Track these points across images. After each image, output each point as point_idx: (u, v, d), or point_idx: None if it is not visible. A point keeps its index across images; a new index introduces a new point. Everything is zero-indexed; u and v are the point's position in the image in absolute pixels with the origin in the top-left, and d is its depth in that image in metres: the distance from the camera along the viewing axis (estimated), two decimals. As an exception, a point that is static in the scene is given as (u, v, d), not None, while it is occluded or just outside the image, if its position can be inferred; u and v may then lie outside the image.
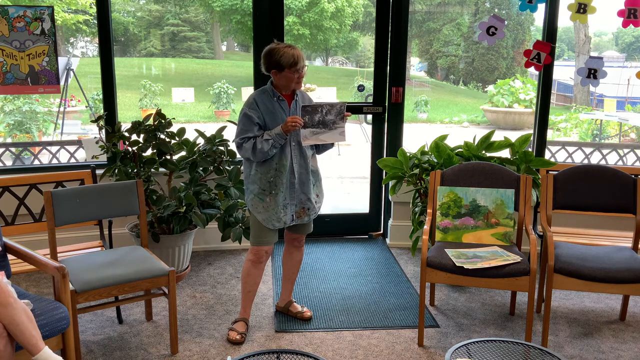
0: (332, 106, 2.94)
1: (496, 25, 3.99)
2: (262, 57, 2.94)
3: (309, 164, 3.04)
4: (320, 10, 15.57)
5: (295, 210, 3.04)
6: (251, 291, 3.16)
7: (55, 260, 2.86)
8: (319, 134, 2.95)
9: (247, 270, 3.12)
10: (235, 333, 3.07)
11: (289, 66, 2.86)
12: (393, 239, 4.56)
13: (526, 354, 2.30)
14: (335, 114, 2.96)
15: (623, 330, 3.28)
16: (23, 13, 3.76)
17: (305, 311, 3.32)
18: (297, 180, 3.00)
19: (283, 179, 2.97)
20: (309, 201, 3.07)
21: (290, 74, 2.88)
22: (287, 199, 3.00)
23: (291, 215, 3.03)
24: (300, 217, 3.07)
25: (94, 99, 10.39)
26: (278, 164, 2.94)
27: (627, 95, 12.90)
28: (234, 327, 3.11)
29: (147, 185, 3.71)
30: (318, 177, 3.15)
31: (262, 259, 3.09)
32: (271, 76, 2.95)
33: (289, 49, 2.87)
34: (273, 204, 2.98)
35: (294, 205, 3.03)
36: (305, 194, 3.04)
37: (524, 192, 3.24)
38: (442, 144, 3.75)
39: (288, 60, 2.85)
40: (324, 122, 2.95)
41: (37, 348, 2.18)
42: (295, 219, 3.06)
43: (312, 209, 3.11)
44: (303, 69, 2.90)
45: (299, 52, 2.89)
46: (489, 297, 3.67)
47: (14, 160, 6.21)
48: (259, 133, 2.90)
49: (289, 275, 3.34)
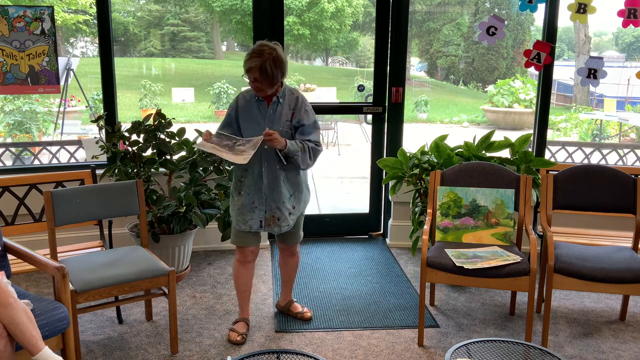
0: (249, 142, 2.82)
1: (496, 25, 3.99)
2: None
3: (278, 171, 2.90)
4: (320, 10, 15.56)
5: (264, 216, 2.94)
6: (245, 291, 3.15)
7: (55, 260, 2.86)
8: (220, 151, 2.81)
9: (236, 270, 3.11)
10: (235, 334, 3.06)
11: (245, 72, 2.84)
12: (393, 239, 4.56)
13: (526, 354, 2.30)
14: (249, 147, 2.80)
15: (623, 330, 3.28)
16: (23, 13, 3.76)
17: (306, 312, 3.32)
18: (265, 185, 2.91)
19: (250, 181, 2.92)
20: (278, 210, 2.94)
21: (249, 79, 2.85)
22: (256, 203, 2.93)
23: (259, 221, 2.94)
24: (269, 225, 2.96)
25: (94, 99, 10.39)
26: (247, 165, 2.88)
27: (627, 95, 12.90)
28: (235, 328, 3.11)
29: (147, 185, 3.71)
30: (298, 188, 3.00)
31: (248, 258, 3.07)
32: None
33: (248, 59, 2.79)
34: (240, 204, 2.96)
35: (263, 211, 2.94)
36: (275, 201, 2.93)
37: (524, 192, 3.24)
38: (442, 144, 3.75)
39: (244, 66, 2.82)
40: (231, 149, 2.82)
41: (37, 348, 2.18)
42: (264, 227, 2.96)
43: (284, 220, 2.96)
44: (256, 79, 2.80)
45: (254, 64, 2.76)
46: (489, 297, 3.67)
47: (14, 160, 6.21)
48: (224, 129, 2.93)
49: (286, 279, 3.33)
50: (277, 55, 2.80)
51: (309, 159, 2.91)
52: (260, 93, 2.88)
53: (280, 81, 2.87)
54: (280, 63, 2.81)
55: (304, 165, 2.90)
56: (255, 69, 2.77)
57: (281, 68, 2.82)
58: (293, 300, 3.37)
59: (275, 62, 2.79)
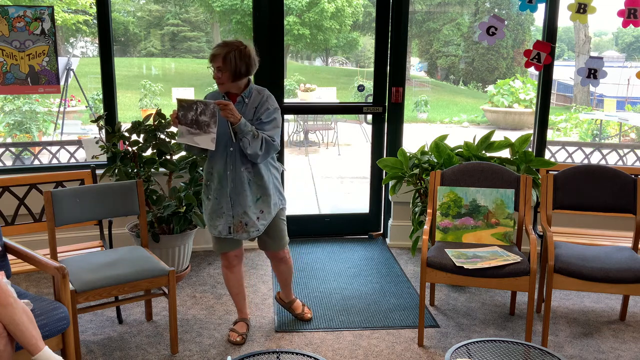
0: (206, 106, 2.73)
1: (496, 25, 3.99)
2: None
3: (242, 173, 2.82)
4: (320, 10, 15.56)
5: (232, 222, 2.87)
6: (238, 293, 3.13)
7: (55, 260, 2.86)
8: (194, 135, 2.76)
9: (224, 276, 3.10)
10: (235, 334, 3.06)
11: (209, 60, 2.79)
12: (393, 239, 4.56)
13: (526, 354, 2.30)
14: (210, 116, 2.71)
15: (623, 330, 3.28)
16: (23, 13, 3.76)
17: (306, 312, 3.31)
18: (230, 189, 2.83)
19: (215, 185, 2.87)
20: (245, 215, 2.85)
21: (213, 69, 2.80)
22: (224, 208, 2.86)
23: (227, 226, 2.88)
24: (237, 231, 2.88)
25: (94, 99, 10.38)
26: (213, 168, 2.85)
27: (627, 95, 12.89)
28: (235, 328, 3.11)
29: (147, 185, 3.71)
30: (265, 192, 2.88)
31: (233, 262, 3.04)
32: None
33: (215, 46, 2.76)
34: (209, 209, 2.91)
35: (230, 217, 2.86)
36: (241, 206, 2.84)
37: (524, 192, 3.24)
38: (442, 144, 3.75)
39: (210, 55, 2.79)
40: (197, 123, 2.75)
41: (37, 348, 2.18)
42: (233, 233, 2.89)
43: (252, 226, 2.87)
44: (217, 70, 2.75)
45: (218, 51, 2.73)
46: (489, 297, 3.67)
47: (14, 160, 6.21)
48: None
49: (283, 282, 3.26)
50: (245, 49, 2.77)
51: (259, 148, 2.74)
52: (220, 87, 2.83)
53: (244, 76, 2.81)
54: (247, 57, 2.77)
55: (252, 151, 2.73)
56: (219, 56, 2.74)
57: (246, 62, 2.77)
58: (295, 299, 3.34)
59: (241, 55, 2.75)
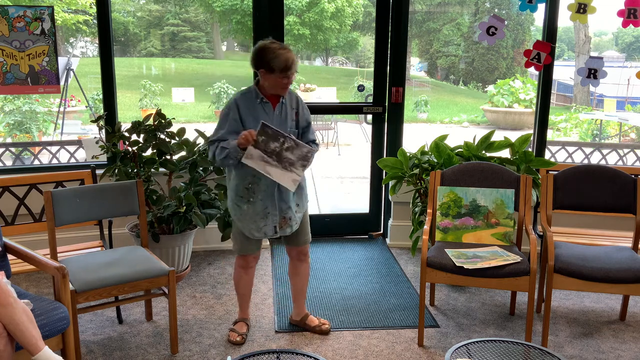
0: (298, 146, 2.65)
1: (496, 25, 3.99)
2: (253, 54, 2.74)
3: None
4: (320, 10, 15.56)
5: (277, 220, 2.86)
6: (245, 294, 3.12)
7: (55, 260, 2.86)
8: (267, 163, 2.65)
9: (238, 275, 3.05)
10: (235, 334, 3.06)
11: (279, 70, 2.65)
12: (393, 239, 4.56)
13: (526, 354, 2.30)
14: (298, 157, 2.65)
15: (623, 330, 3.28)
16: (23, 13, 3.76)
17: (323, 324, 3.16)
18: (276, 188, 2.81)
19: (262, 186, 2.79)
20: (289, 210, 2.87)
21: (279, 78, 2.68)
22: (269, 208, 2.82)
23: (273, 226, 2.85)
24: (282, 227, 2.88)
25: (94, 99, 10.38)
26: (256, 170, 2.73)
27: (627, 95, 12.90)
28: (235, 328, 3.10)
29: (147, 185, 3.71)
30: (300, 185, 2.90)
31: (251, 264, 3.02)
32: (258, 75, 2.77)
33: (284, 52, 2.66)
34: (251, 212, 2.82)
35: (276, 215, 2.85)
36: (285, 202, 2.85)
37: (524, 192, 3.24)
38: (442, 144, 3.75)
39: (280, 64, 2.64)
40: (278, 156, 2.66)
41: (37, 348, 2.18)
42: (277, 230, 2.88)
43: (294, 219, 2.90)
44: (293, 75, 2.71)
45: (294, 56, 2.67)
46: (489, 297, 3.67)
47: (14, 160, 6.21)
48: (229, 137, 2.73)
49: (299, 290, 3.16)
50: None
51: None
52: (283, 91, 2.76)
53: None
54: None
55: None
56: (296, 62, 2.68)
57: None
58: (308, 314, 3.21)
59: None
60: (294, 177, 2.66)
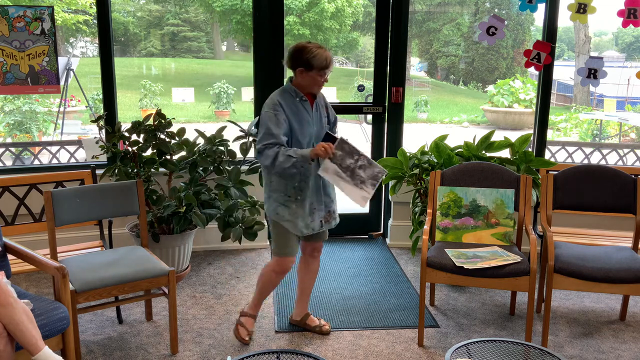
0: (371, 165, 2.74)
1: (496, 25, 3.99)
2: (290, 53, 2.79)
3: None
4: (320, 10, 15.57)
5: (323, 215, 2.92)
6: (267, 295, 3.09)
7: (55, 260, 2.86)
8: (341, 178, 2.73)
9: (270, 279, 2.99)
10: (245, 331, 3.02)
11: (318, 68, 2.73)
12: (393, 239, 4.56)
13: (526, 354, 2.30)
14: (369, 177, 2.74)
15: (623, 330, 3.28)
16: (23, 13, 3.76)
17: (324, 324, 3.16)
18: (322, 182, 2.89)
19: (310, 183, 2.84)
20: (332, 203, 2.98)
21: (318, 76, 2.75)
22: (315, 204, 2.88)
23: (320, 220, 2.91)
24: (327, 221, 2.96)
25: (94, 99, 10.39)
26: (308, 171, 2.79)
27: (627, 95, 12.90)
28: (244, 324, 3.05)
29: (147, 185, 3.71)
30: None
31: (287, 269, 2.97)
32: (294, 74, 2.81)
33: (322, 51, 2.74)
34: (300, 210, 2.84)
35: (322, 210, 2.91)
36: (328, 196, 2.94)
37: (524, 192, 3.24)
38: (442, 144, 3.75)
39: (320, 62, 2.72)
40: (352, 172, 2.73)
41: (37, 348, 2.18)
42: (323, 224, 2.94)
43: (336, 212, 3.02)
44: (329, 73, 2.80)
45: (331, 55, 2.76)
46: (489, 297, 3.67)
47: (14, 160, 6.21)
48: (284, 139, 2.72)
49: (306, 288, 3.17)
50: None
51: None
52: (319, 89, 2.85)
53: None
54: None
55: None
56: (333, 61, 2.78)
57: None
58: (309, 314, 3.20)
59: None
60: (364, 195, 2.74)
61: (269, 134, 2.70)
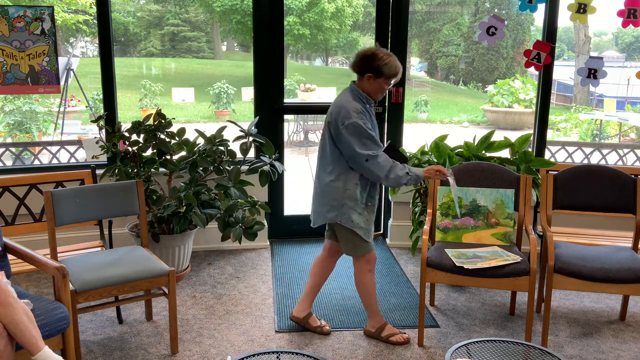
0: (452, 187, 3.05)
1: (496, 25, 3.99)
2: (361, 58, 2.80)
3: None
4: (320, 10, 15.58)
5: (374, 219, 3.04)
6: (375, 296, 3.08)
7: (55, 260, 2.86)
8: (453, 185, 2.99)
9: (369, 281, 3.01)
10: (397, 335, 3.06)
11: (387, 76, 2.76)
12: (393, 239, 4.56)
13: (526, 354, 2.30)
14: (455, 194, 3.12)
15: (623, 330, 3.29)
16: (23, 13, 3.76)
17: (324, 325, 3.17)
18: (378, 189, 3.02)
19: (378, 191, 2.99)
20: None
21: (385, 84, 2.79)
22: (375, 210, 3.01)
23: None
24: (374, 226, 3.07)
25: (94, 99, 10.40)
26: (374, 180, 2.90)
27: (627, 95, 12.91)
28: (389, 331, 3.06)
29: (147, 185, 3.71)
30: None
31: (375, 261, 3.03)
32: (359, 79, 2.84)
33: (393, 59, 2.77)
34: (371, 216, 2.96)
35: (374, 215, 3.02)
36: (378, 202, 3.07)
37: (524, 192, 3.24)
38: (442, 144, 3.75)
39: (391, 71, 2.75)
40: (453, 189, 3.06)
41: (37, 348, 2.18)
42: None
43: None
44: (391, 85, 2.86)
45: (400, 65, 2.80)
46: (489, 297, 3.67)
47: (14, 160, 6.21)
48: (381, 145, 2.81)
49: (316, 287, 3.19)
50: None
51: None
52: (381, 97, 2.88)
53: None
54: None
55: None
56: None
57: None
58: (311, 313, 3.20)
59: None
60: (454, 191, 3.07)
61: (368, 144, 2.73)
